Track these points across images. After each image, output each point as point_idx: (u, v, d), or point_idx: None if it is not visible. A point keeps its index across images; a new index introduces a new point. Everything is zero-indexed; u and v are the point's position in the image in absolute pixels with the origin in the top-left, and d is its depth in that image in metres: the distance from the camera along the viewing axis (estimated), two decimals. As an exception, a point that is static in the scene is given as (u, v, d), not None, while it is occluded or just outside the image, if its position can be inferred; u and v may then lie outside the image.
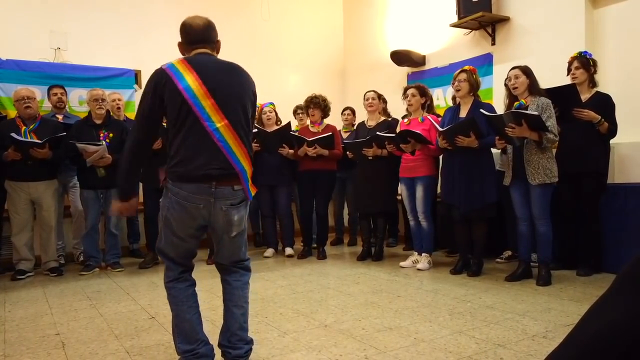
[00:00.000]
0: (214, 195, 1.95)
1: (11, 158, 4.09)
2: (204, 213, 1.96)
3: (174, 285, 2.04)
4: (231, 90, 2.01)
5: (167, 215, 1.98)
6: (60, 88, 4.83)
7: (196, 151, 1.92)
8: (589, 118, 3.66)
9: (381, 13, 6.61)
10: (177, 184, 1.94)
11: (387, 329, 2.65)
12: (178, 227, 1.97)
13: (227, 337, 2.10)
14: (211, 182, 1.93)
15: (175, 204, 1.95)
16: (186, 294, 2.05)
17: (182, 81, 1.91)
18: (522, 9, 4.80)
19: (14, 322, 2.97)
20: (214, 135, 1.92)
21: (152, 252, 4.73)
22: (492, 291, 3.42)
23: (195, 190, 1.93)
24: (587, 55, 3.80)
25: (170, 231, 1.98)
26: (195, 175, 1.91)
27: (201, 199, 1.94)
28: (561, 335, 2.30)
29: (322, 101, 4.91)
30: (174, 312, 2.05)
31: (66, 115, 4.86)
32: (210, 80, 1.95)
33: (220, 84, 1.98)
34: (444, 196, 4.13)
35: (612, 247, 3.80)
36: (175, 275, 2.04)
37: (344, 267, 4.49)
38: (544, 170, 3.52)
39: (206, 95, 1.92)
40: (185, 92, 1.89)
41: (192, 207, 1.94)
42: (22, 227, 4.25)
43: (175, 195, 1.95)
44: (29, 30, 5.18)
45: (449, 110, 4.17)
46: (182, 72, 1.93)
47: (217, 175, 1.94)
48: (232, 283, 2.13)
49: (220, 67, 2.04)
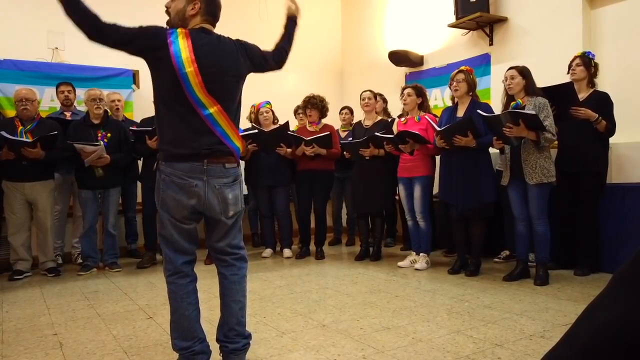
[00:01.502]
0: (206, 173, 1.95)
1: (5, 157, 4.07)
2: (199, 192, 1.95)
3: (174, 280, 2.01)
4: (223, 69, 2.00)
5: (163, 197, 1.96)
6: (67, 85, 4.81)
7: (188, 132, 1.93)
8: (587, 116, 3.66)
9: (379, 13, 6.61)
10: (169, 164, 1.94)
11: (385, 329, 2.65)
12: (175, 207, 1.95)
13: (224, 331, 2.09)
14: (203, 160, 1.94)
15: (170, 183, 1.94)
16: (186, 290, 2.02)
17: (177, 54, 1.89)
18: (519, 9, 4.81)
19: (12, 322, 2.96)
20: (207, 120, 1.94)
21: (150, 252, 4.73)
22: (490, 291, 3.42)
23: (188, 169, 1.93)
24: (590, 55, 3.82)
25: (168, 213, 1.96)
26: (187, 154, 1.92)
27: (194, 176, 1.93)
28: (558, 334, 2.30)
29: (320, 101, 4.91)
30: (172, 307, 2.02)
31: (74, 113, 4.84)
32: (202, 58, 1.92)
33: (212, 64, 1.96)
34: (441, 196, 4.14)
35: (609, 246, 3.80)
36: (175, 269, 2.00)
37: (342, 267, 4.49)
38: (541, 170, 3.53)
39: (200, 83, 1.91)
40: (176, 62, 1.88)
41: (186, 185, 1.93)
42: (19, 227, 4.24)
43: (169, 176, 1.94)
44: (27, 30, 5.17)
45: (447, 110, 4.18)
46: (180, 42, 1.91)
47: (207, 153, 1.95)
48: (229, 277, 2.10)
49: (220, 46, 2.02)
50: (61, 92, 4.77)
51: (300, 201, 5.10)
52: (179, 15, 2.03)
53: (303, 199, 5.02)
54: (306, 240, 5.08)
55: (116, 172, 4.50)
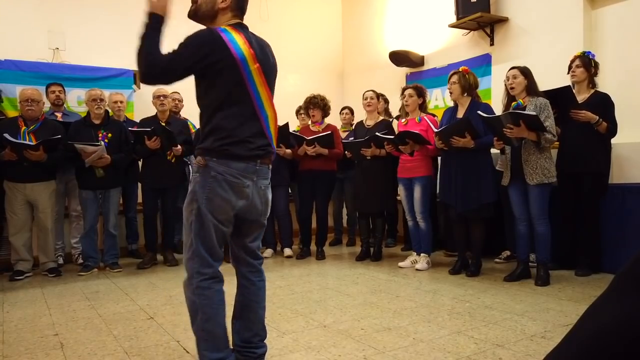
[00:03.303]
0: (256, 174, 1.91)
1: (7, 158, 4.07)
2: (248, 193, 1.89)
3: (211, 285, 1.85)
4: (271, 69, 1.96)
5: (211, 196, 1.82)
6: (58, 86, 4.82)
7: (245, 129, 1.86)
8: (587, 119, 3.66)
9: (380, 13, 6.61)
10: (224, 162, 1.83)
11: (386, 329, 2.65)
12: (221, 208, 1.84)
13: (247, 337, 2.02)
14: (256, 161, 1.90)
15: (222, 182, 1.83)
16: (220, 297, 1.88)
17: (237, 50, 1.80)
18: (520, 9, 4.81)
19: (12, 323, 2.96)
20: (261, 114, 1.89)
21: (150, 252, 4.73)
22: (491, 291, 3.42)
23: (243, 169, 1.86)
24: (590, 55, 3.81)
25: (212, 214, 1.83)
26: (244, 154, 1.85)
27: (247, 177, 1.87)
28: (560, 335, 2.30)
29: (321, 100, 4.91)
30: (204, 315, 1.83)
31: (65, 113, 4.85)
32: (259, 54, 1.87)
33: (265, 61, 1.91)
34: (441, 196, 4.14)
35: (610, 247, 3.80)
36: (213, 273, 1.86)
37: (342, 268, 4.49)
38: (542, 170, 3.52)
39: (264, 83, 1.87)
40: (240, 61, 1.80)
41: (239, 185, 1.86)
42: (20, 228, 4.24)
43: (221, 174, 1.83)
44: (27, 30, 5.17)
45: (448, 111, 4.18)
46: (237, 39, 1.82)
47: (262, 154, 1.92)
48: (256, 283, 2.05)
49: (261, 43, 1.96)
50: (52, 92, 4.75)
51: (301, 201, 5.10)
52: (209, 5, 1.89)
53: (304, 199, 5.02)
54: (307, 240, 5.08)
55: (117, 172, 4.50)
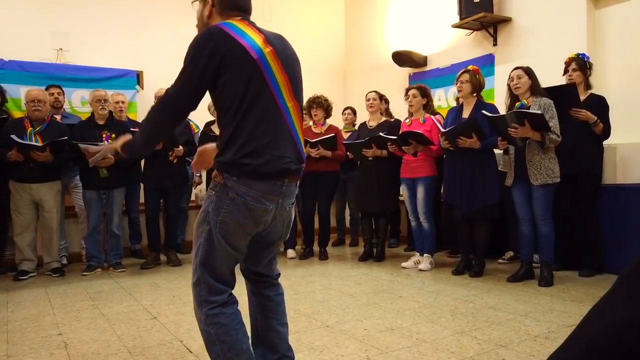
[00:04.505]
0: (282, 195, 1.62)
1: (13, 159, 4.09)
2: (268, 218, 1.63)
3: (223, 311, 1.61)
4: (290, 56, 1.69)
5: (225, 219, 1.57)
6: (57, 88, 4.82)
7: (272, 139, 1.56)
8: (586, 118, 3.68)
9: (382, 14, 6.61)
10: (244, 181, 1.55)
11: (389, 330, 2.65)
12: (237, 234, 1.59)
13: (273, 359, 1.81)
14: (284, 180, 1.60)
15: (241, 205, 1.56)
16: (237, 319, 1.65)
17: (245, 38, 1.55)
18: (523, 9, 4.80)
19: (17, 323, 2.97)
20: (286, 117, 1.60)
21: (153, 252, 4.75)
22: (494, 292, 3.41)
23: (267, 190, 1.57)
24: (585, 57, 3.83)
25: (225, 240, 1.58)
26: (270, 172, 1.56)
27: (272, 199, 1.60)
28: (563, 336, 2.30)
29: (324, 101, 4.92)
30: (225, 345, 1.60)
31: (64, 115, 4.86)
32: (271, 39, 1.63)
33: (280, 48, 1.64)
34: (445, 196, 4.13)
35: (614, 247, 3.79)
36: (224, 299, 1.63)
37: (345, 268, 4.49)
38: (546, 170, 3.52)
39: (278, 64, 1.60)
40: (250, 46, 1.54)
41: (260, 210, 1.58)
42: (25, 228, 4.26)
43: (241, 196, 1.55)
44: (32, 31, 5.19)
45: (452, 111, 4.17)
46: (243, 28, 1.58)
47: (293, 170, 1.62)
48: (274, 298, 1.83)
49: (274, 34, 1.70)
50: (51, 94, 4.71)
51: (304, 202, 5.09)
52: (200, 23, 1.74)
53: (307, 200, 5.02)
54: (310, 240, 5.08)
55: (120, 172, 4.52)
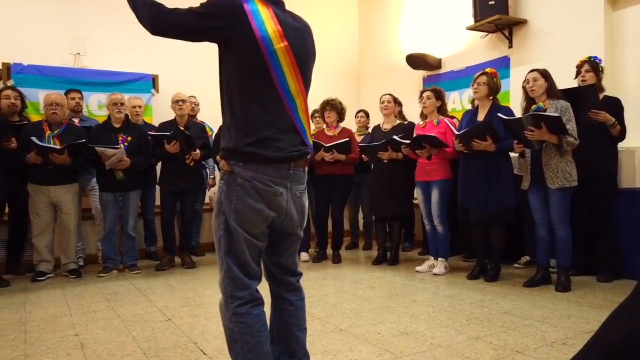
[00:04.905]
0: (290, 179, 1.64)
1: (32, 161, 4.17)
2: (281, 202, 1.62)
3: (249, 310, 1.59)
4: (307, 50, 1.68)
5: (238, 207, 1.57)
6: (77, 92, 4.93)
7: (276, 129, 1.60)
8: (605, 120, 3.63)
9: (396, 16, 6.60)
10: (251, 166, 1.57)
11: (403, 334, 2.63)
12: (251, 220, 1.59)
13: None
14: (290, 163, 1.62)
15: (251, 190, 1.57)
16: (262, 321, 1.63)
17: (260, 28, 1.53)
18: (539, 11, 4.75)
19: (34, 323, 3.02)
20: (292, 112, 1.63)
21: (168, 254, 4.78)
22: (510, 297, 3.37)
23: (274, 174, 1.59)
24: (597, 60, 3.79)
25: (243, 228, 1.58)
26: (276, 157, 1.59)
27: (280, 182, 1.61)
28: (581, 342, 2.26)
29: (339, 104, 4.93)
30: (247, 345, 1.58)
31: (82, 119, 4.94)
32: (289, 33, 1.60)
33: (298, 42, 1.62)
34: (460, 200, 4.09)
35: (633, 252, 3.71)
36: (251, 296, 1.61)
37: (359, 271, 4.47)
38: (563, 174, 3.47)
39: (292, 64, 1.59)
40: (262, 38, 1.52)
41: (271, 194, 1.59)
42: (43, 229, 4.33)
43: (249, 180, 1.57)
44: (50, 36, 5.30)
45: (467, 113, 4.14)
46: (263, 15, 1.54)
47: (297, 156, 1.65)
48: (296, 303, 1.82)
49: (297, 22, 1.68)
50: (72, 98, 4.85)
51: (318, 205, 5.10)
52: None
53: (321, 202, 5.02)
54: (323, 244, 5.08)
55: (136, 175, 4.57)
